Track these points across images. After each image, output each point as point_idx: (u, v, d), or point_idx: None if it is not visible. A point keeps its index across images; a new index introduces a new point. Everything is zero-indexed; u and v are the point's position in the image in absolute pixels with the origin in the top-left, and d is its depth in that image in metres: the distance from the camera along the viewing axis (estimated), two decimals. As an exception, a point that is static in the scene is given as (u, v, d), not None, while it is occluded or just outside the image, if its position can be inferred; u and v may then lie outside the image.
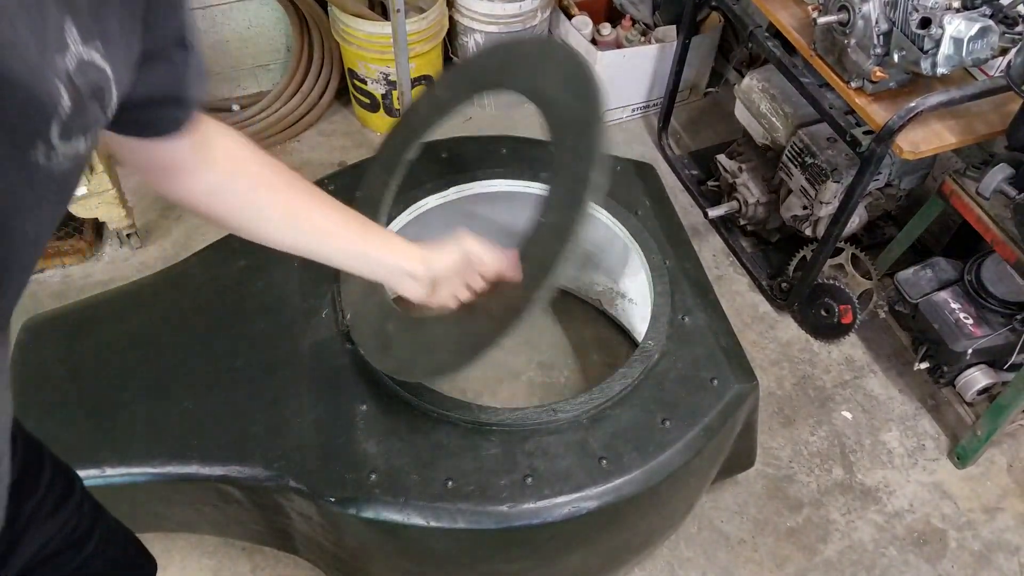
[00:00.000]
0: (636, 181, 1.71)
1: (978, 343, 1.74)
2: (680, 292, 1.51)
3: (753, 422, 1.54)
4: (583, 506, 1.23)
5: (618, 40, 2.53)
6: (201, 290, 1.50)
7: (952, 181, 1.70)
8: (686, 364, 1.40)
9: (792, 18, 1.81)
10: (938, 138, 1.61)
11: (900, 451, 1.90)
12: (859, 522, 1.78)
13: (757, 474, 1.81)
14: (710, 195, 2.33)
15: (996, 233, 1.62)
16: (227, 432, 1.30)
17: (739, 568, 1.69)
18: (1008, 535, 1.78)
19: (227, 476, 1.27)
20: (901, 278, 1.88)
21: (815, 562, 1.71)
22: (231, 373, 1.37)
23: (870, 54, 1.58)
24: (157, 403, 1.35)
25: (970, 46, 1.47)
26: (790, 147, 1.96)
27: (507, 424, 1.29)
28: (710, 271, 2.07)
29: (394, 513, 1.21)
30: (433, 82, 1.48)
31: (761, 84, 2.04)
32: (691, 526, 1.72)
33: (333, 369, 1.36)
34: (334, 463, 1.25)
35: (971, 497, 1.84)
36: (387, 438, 1.27)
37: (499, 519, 1.22)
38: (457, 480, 1.23)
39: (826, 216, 1.94)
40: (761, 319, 2.12)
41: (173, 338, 1.43)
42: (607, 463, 1.26)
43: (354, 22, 2.18)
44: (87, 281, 2.05)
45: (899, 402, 1.98)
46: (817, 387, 2.00)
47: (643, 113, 2.61)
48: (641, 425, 1.32)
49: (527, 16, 2.35)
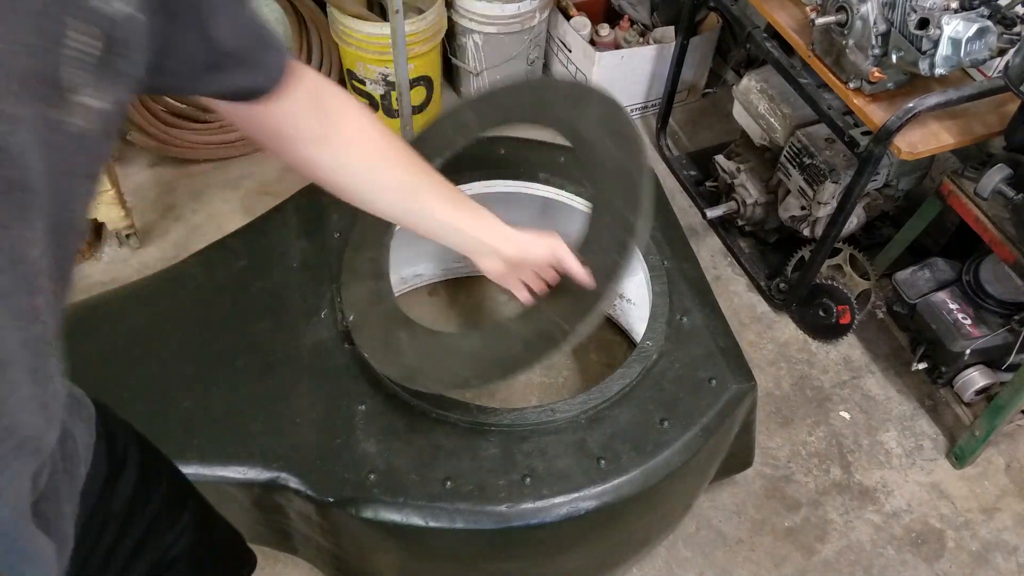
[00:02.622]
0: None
1: (976, 343, 1.75)
2: (678, 292, 1.51)
3: (751, 422, 1.54)
4: (581, 506, 1.24)
5: (616, 41, 2.53)
6: (201, 290, 1.50)
7: (950, 182, 1.70)
8: (684, 364, 1.41)
9: (790, 19, 1.81)
10: (936, 139, 1.61)
11: (898, 451, 1.90)
12: (857, 522, 1.78)
13: (755, 474, 1.81)
14: (708, 196, 2.34)
15: (994, 233, 1.62)
16: (226, 432, 1.30)
17: (737, 568, 1.69)
18: (1006, 535, 1.78)
19: (226, 476, 1.27)
20: (899, 278, 1.89)
21: (813, 562, 1.71)
22: (231, 373, 1.38)
23: (868, 55, 1.58)
24: (156, 403, 1.35)
25: (968, 47, 1.47)
26: (788, 148, 1.96)
27: (505, 424, 1.29)
28: (708, 271, 2.07)
29: (393, 513, 1.21)
30: (461, 106, 1.50)
31: (759, 85, 2.04)
32: (689, 526, 1.73)
33: (332, 369, 1.36)
34: (333, 463, 1.25)
35: (969, 497, 1.84)
36: (386, 438, 1.28)
37: (497, 519, 1.22)
38: (456, 480, 1.23)
39: (824, 216, 1.95)
40: (759, 319, 2.12)
41: (172, 338, 1.43)
42: (605, 463, 1.26)
43: (353, 23, 2.18)
44: (86, 282, 2.05)
45: (897, 402, 1.99)
46: (815, 387, 2.00)
47: (641, 114, 2.62)
48: (639, 425, 1.32)
49: (525, 17, 2.36)
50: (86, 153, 0.49)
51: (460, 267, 2.02)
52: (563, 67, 2.54)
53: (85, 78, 0.46)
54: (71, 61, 0.44)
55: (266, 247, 1.56)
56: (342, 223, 1.57)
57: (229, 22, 0.62)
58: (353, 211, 1.58)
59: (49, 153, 0.45)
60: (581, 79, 2.45)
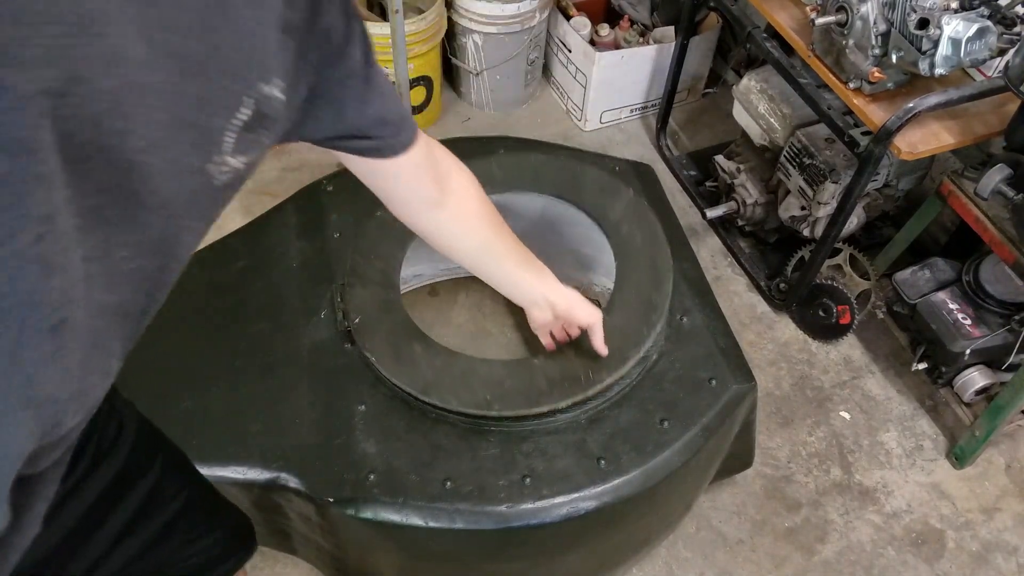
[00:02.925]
0: (634, 182, 1.72)
1: (976, 343, 1.75)
2: (678, 292, 1.51)
3: (751, 422, 1.54)
4: (581, 506, 1.24)
5: (616, 41, 2.53)
6: (200, 290, 1.50)
7: (950, 182, 1.70)
8: (684, 364, 1.41)
9: (790, 19, 1.81)
10: (936, 139, 1.61)
11: (898, 451, 1.90)
12: (857, 522, 1.78)
13: (755, 474, 1.81)
14: (708, 196, 2.34)
15: (994, 234, 1.62)
16: (226, 432, 1.30)
17: (737, 568, 1.69)
18: (1006, 535, 1.78)
19: (226, 476, 1.27)
20: (899, 278, 1.89)
21: (813, 562, 1.71)
22: (230, 373, 1.37)
23: (868, 55, 1.58)
24: (156, 403, 1.34)
25: (968, 47, 1.47)
26: (788, 148, 1.96)
27: (505, 424, 1.29)
28: (708, 271, 2.07)
29: (393, 513, 1.21)
30: (494, 154, 1.65)
31: (759, 85, 2.04)
32: (689, 526, 1.73)
33: (332, 369, 1.36)
34: (333, 463, 1.25)
35: (969, 497, 1.84)
36: (386, 438, 1.28)
37: (497, 519, 1.22)
38: (455, 480, 1.23)
39: (824, 217, 1.95)
40: (759, 319, 2.12)
41: (171, 338, 1.43)
42: (605, 463, 1.26)
43: (353, 23, 2.18)
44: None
45: (897, 402, 1.99)
46: (815, 387, 2.00)
47: (641, 114, 2.61)
48: (639, 425, 1.32)
49: (525, 17, 2.36)
50: (212, 200, 0.57)
51: (460, 267, 2.02)
52: (563, 67, 2.54)
53: (235, 142, 0.54)
54: (233, 128, 0.53)
55: (266, 247, 1.56)
56: (342, 223, 1.57)
57: (361, 106, 0.73)
58: (354, 211, 1.59)
59: (184, 192, 0.52)
60: (581, 79, 2.45)
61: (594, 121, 2.54)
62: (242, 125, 0.53)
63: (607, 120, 2.57)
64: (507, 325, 2.01)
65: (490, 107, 2.59)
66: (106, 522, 0.83)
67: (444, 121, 2.58)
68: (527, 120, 2.61)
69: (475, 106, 2.61)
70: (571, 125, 2.59)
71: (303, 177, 2.29)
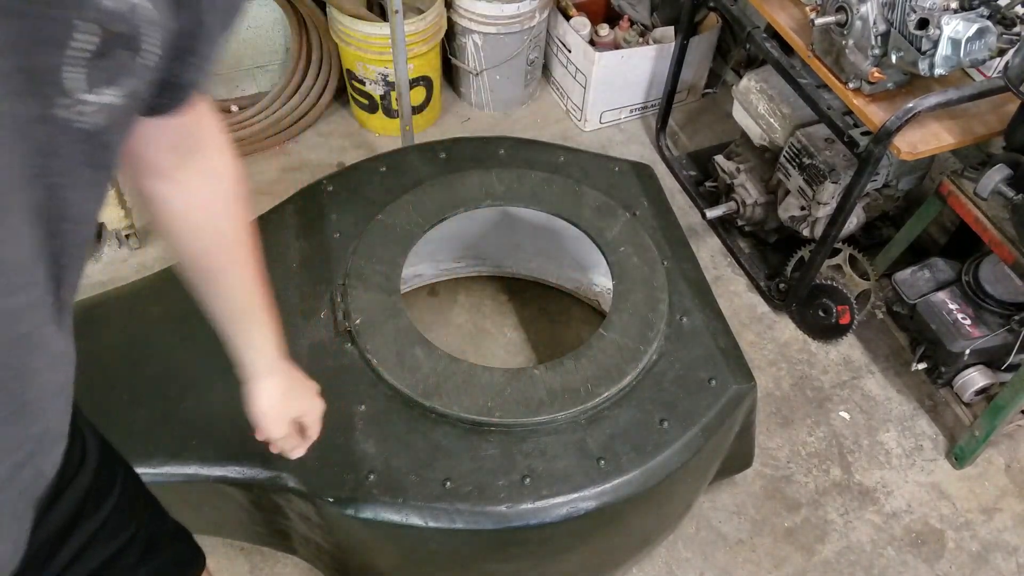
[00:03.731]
0: (634, 182, 1.72)
1: (976, 343, 1.75)
2: (678, 293, 1.51)
3: (751, 422, 1.54)
4: (581, 506, 1.24)
5: (616, 41, 2.53)
6: (200, 291, 1.50)
7: (950, 182, 1.70)
8: (684, 365, 1.41)
9: (790, 19, 1.81)
10: (936, 139, 1.61)
11: (898, 451, 1.90)
12: (857, 522, 1.78)
13: (755, 474, 1.81)
14: (708, 196, 2.34)
15: (994, 234, 1.62)
16: (226, 432, 1.30)
17: (737, 568, 1.69)
18: (1006, 535, 1.78)
19: (226, 476, 1.27)
20: (899, 279, 1.89)
21: (813, 562, 1.71)
22: (230, 373, 1.37)
23: (868, 55, 1.58)
24: (156, 403, 1.35)
25: (968, 47, 1.47)
26: (788, 148, 1.96)
27: (505, 424, 1.29)
28: (708, 272, 2.07)
29: (392, 513, 1.21)
30: (495, 169, 1.71)
31: (759, 85, 2.04)
32: (689, 526, 1.73)
33: (332, 370, 1.36)
34: (333, 463, 1.25)
35: (969, 497, 1.84)
36: (385, 439, 1.28)
37: (497, 519, 1.22)
38: (455, 481, 1.23)
39: (824, 217, 1.95)
40: (759, 320, 2.12)
41: (171, 338, 1.43)
42: (605, 463, 1.26)
43: (352, 23, 2.18)
44: (85, 282, 2.03)
45: (897, 402, 1.99)
46: (815, 387, 2.00)
47: (641, 114, 2.61)
48: (639, 425, 1.32)
49: (525, 17, 2.36)
50: (87, 143, 0.49)
51: (460, 267, 2.02)
52: (563, 67, 2.54)
53: (87, 76, 0.46)
54: (74, 61, 0.45)
55: (266, 247, 1.55)
56: (342, 223, 1.57)
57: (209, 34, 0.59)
58: (354, 212, 1.59)
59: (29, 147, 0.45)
60: (581, 80, 2.45)
61: (594, 121, 2.54)
62: (89, 55, 0.45)
63: (607, 120, 2.57)
64: (506, 325, 2.01)
65: (490, 107, 2.59)
66: (67, 543, 0.80)
67: (444, 121, 2.58)
68: (527, 120, 2.61)
69: (475, 106, 2.61)
70: (571, 125, 2.59)
71: (303, 177, 2.29)
